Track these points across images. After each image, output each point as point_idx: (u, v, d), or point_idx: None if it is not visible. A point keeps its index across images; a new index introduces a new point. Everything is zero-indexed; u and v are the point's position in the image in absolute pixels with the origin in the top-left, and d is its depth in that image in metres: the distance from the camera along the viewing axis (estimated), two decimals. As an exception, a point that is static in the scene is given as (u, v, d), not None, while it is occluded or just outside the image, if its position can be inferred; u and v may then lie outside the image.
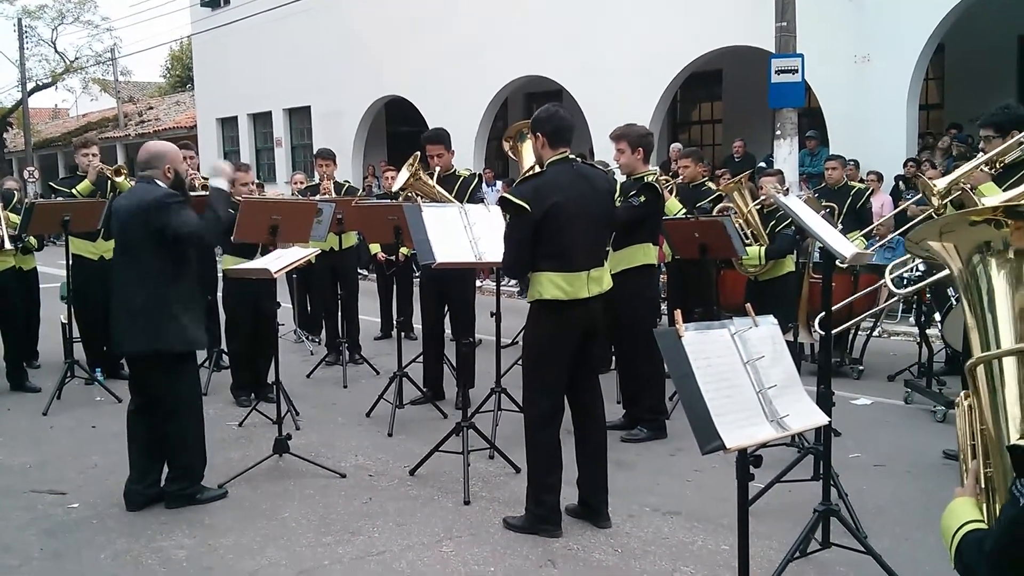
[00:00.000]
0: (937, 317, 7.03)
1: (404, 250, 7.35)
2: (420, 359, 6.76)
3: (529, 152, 5.61)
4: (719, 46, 13.38)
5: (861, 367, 7.37)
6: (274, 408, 5.34)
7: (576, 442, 4.31)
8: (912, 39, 11.36)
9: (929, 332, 6.84)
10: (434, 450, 5.02)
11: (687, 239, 6.31)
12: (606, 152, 7.75)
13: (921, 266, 6.40)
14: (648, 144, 5.63)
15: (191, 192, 7.06)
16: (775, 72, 11.06)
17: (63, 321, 7.24)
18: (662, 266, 7.10)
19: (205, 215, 4.52)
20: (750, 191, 6.97)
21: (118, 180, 7.20)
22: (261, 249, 6.03)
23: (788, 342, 3.17)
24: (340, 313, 8.15)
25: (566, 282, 4.06)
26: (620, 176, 5.97)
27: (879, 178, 11.26)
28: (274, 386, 5.41)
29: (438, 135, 6.48)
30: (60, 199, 7.25)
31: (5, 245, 6.82)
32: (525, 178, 4.26)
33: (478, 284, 7.86)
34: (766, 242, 6.73)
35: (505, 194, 4.16)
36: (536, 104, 14.42)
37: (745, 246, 6.50)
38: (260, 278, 5.31)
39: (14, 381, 7.21)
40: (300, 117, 21.42)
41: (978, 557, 1.61)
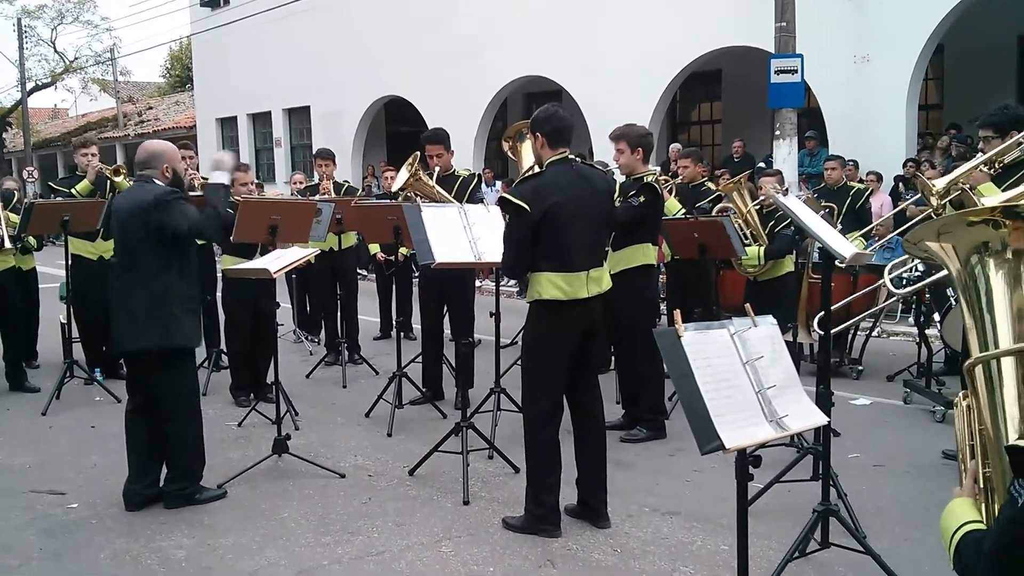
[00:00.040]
0: (936, 317, 7.03)
1: (403, 250, 7.36)
2: (419, 359, 6.76)
3: (528, 152, 5.60)
4: (719, 46, 13.38)
5: (860, 367, 7.38)
6: (273, 408, 5.34)
7: (575, 442, 4.31)
8: (912, 39, 11.37)
9: (928, 332, 6.85)
10: (433, 450, 5.02)
11: (686, 239, 6.31)
12: (606, 152, 7.74)
13: (920, 266, 6.40)
14: (648, 144, 5.63)
15: (190, 192, 7.09)
16: (774, 72, 11.06)
17: (62, 321, 7.23)
18: (661, 266, 7.10)
19: (205, 210, 4.52)
20: (749, 191, 6.97)
21: (117, 180, 7.20)
22: (260, 249, 6.03)
23: (787, 342, 3.17)
24: (339, 313, 8.15)
25: (565, 282, 4.06)
26: (619, 176, 5.97)
27: (878, 178, 11.27)
28: (273, 386, 5.41)
29: (438, 135, 6.48)
30: (59, 199, 7.25)
31: (5, 244, 6.83)
32: (524, 178, 4.26)
33: (477, 284, 7.86)
34: (765, 242, 6.74)
35: (504, 194, 4.17)
36: (536, 104, 14.42)
37: (744, 246, 6.51)
38: (259, 278, 5.30)
39: (13, 381, 7.21)
40: (300, 117, 21.42)
41: (977, 557, 1.61)
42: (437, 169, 6.32)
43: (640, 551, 4.00)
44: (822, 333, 4.03)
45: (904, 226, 7.85)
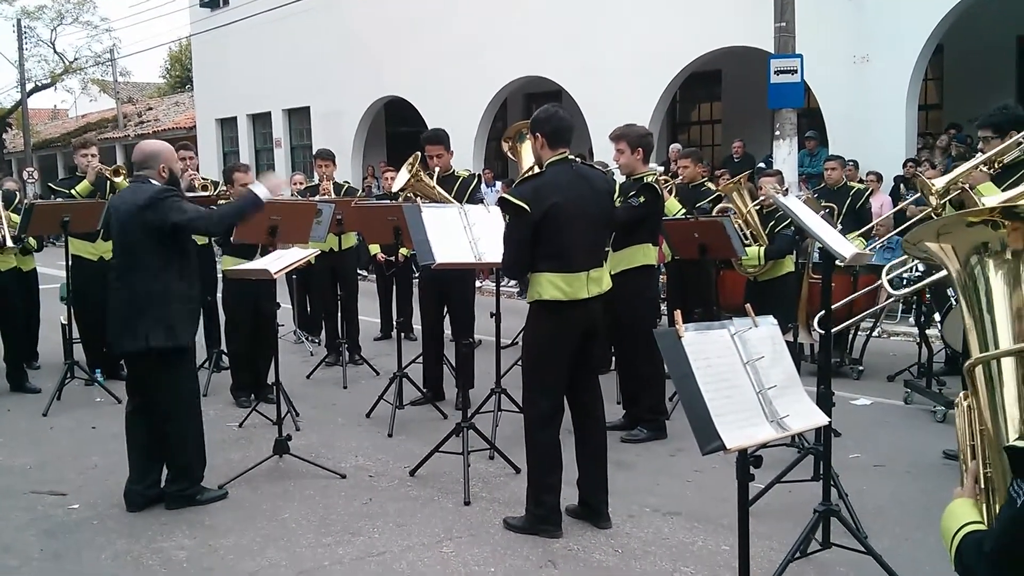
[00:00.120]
0: (937, 317, 7.04)
1: (404, 251, 7.36)
2: (420, 360, 6.77)
3: (528, 153, 5.60)
4: (718, 46, 13.38)
5: (861, 367, 7.38)
6: (274, 409, 5.34)
7: (576, 442, 4.31)
8: (911, 39, 11.36)
9: (929, 332, 6.85)
10: (434, 451, 5.03)
11: (686, 239, 6.31)
12: (606, 152, 7.75)
13: (920, 266, 6.41)
14: (648, 144, 5.63)
15: (190, 193, 7.11)
16: (774, 72, 11.06)
17: (63, 322, 7.24)
18: (662, 267, 7.10)
19: (221, 207, 4.54)
20: (749, 191, 6.98)
21: (117, 180, 7.20)
22: (261, 250, 6.03)
23: (788, 342, 3.17)
24: (340, 314, 8.14)
25: (565, 283, 4.06)
26: (619, 176, 5.97)
27: (878, 178, 11.27)
28: (274, 387, 5.41)
29: (438, 136, 6.48)
30: (59, 200, 7.25)
31: (7, 243, 6.84)
32: (524, 179, 4.26)
33: (478, 285, 7.86)
34: (765, 242, 6.74)
35: (504, 195, 4.17)
36: (535, 104, 14.43)
37: (744, 246, 6.51)
38: (260, 279, 5.31)
39: (14, 382, 7.21)
40: (299, 118, 21.41)
41: (978, 558, 1.61)
42: (437, 170, 6.33)
43: (641, 551, 4.00)
44: (822, 332, 4.03)
45: (903, 225, 7.86)
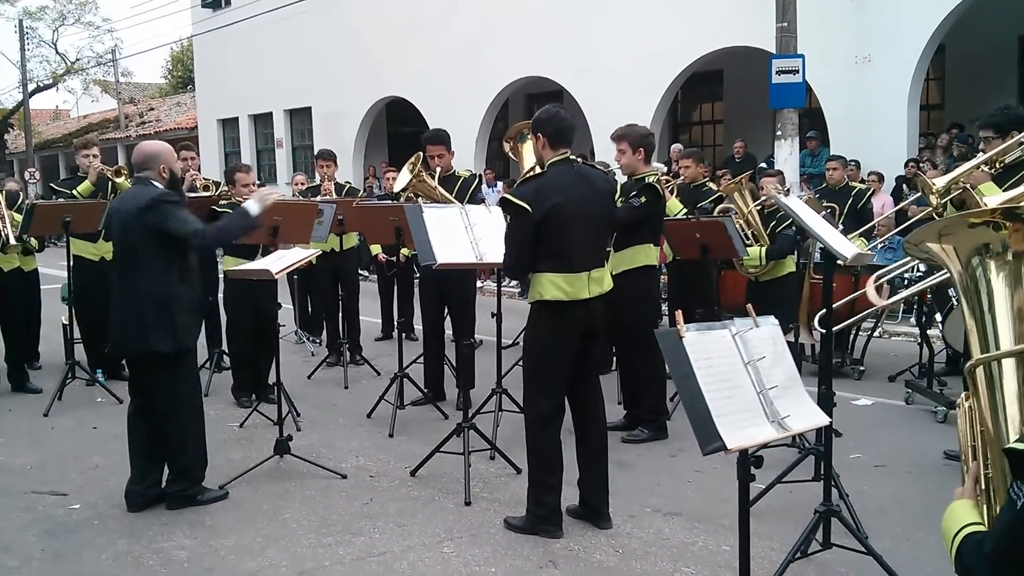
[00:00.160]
0: (938, 318, 7.04)
1: (405, 251, 7.36)
2: (421, 360, 6.77)
3: (530, 153, 5.60)
4: (720, 47, 13.38)
5: (862, 368, 7.37)
6: (275, 409, 5.34)
7: (577, 443, 4.31)
8: (913, 39, 11.36)
9: (930, 333, 6.85)
10: (435, 451, 5.03)
11: (688, 240, 6.31)
12: (607, 153, 7.75)
13: (922, 267, 6.40)
14: (649, 145, 5.63)
15: (191, 193, 7.11)
16: (776, 73, 11.06)
17: (64, 322, 7.24)
18: (663, 267, 7.10)
19: (218, 223, 4.57)
20: (751, 192, 6.97)
21: (119, 181, 7.21)
22: (262, 250, 6.03)
23: (789, 343, 3.17)
24: (341, 314, 8.15)
25: (567, 283, 4.06)
26: (621, 177, 5.97)
27: (880, 179, 11.27)
28: (275, 387, 5.41)
29: (439, 136, 6.48)
30: (61, 200, 7.25)
31: (11, 241, 6.84)
32: (526, 179, 4.27)
33: (479, 285, 7.86)
34: (767, 243, 6.73)
35: (506, 195, 4.17)
36: (537, 105, 14.43)
37: (746, 247, 6.51)
38: (261, 279, 5.31)
39: (15, 382, 7.21)
40: (301, 118, 21.42)
41: (978, 559, 1.61)
42: (438, 170, 6.33)
43: (642, 552, 4.00)
44: (823, 331, 4.03)
45: (904, 225, 7.86)
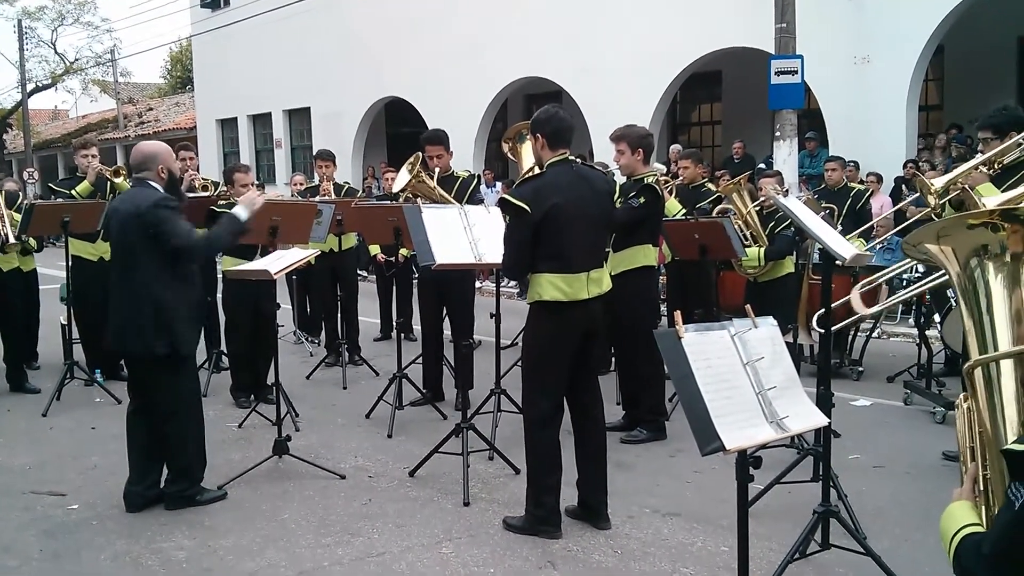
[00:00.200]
0: (937, 318, 7.04)
1: (404, 251, 7.36)
2: (420, 360, 6.77)
3: (528, 153, 5.61)
4: (719, 47, 13.39)
5: (860, 368, 7.37)
6: (274, 409, 5.34)
7: (576, 443, 4.31)
8: (912, 40, 11.37)
9: (928, 333, 6.85)
10: (434, 451, 5.02)
11: (687, 240, 6.31)
12: (606, 153, 7.75)
13: (920, 268, 6.41)
14: (648, 145, 5.63)
15: (190, 192, 7.10)
16: (775, 73, 11.06)
17: (63, 322, 7.24)
18: (662, 267, 7.11)
19: (209, 232, 4.58)
20: (749, 192, 6.98)
21: (117, 181, 7.21)
22: (261, 250, 6.03)
23: (787, 343, 3.17)
24: (340, 314, 8.15)
25: (566, 283, 4.06)
26: (620, 177, 5.97)
27: (879, 179, 11.27)
28: (274, 387, 5.41)
29: (438, 136, 6.47)
30: (60, 200, 7.25)
31: (10, 239, 6.83)
32: (525, 179, 4.27)
33: (478, 285, 7.86)
34: (765, 243, 6.74)
35: (505, 195, 4.17)
36: (536, 105, 14.42)
37: (744, 247, 6.51)
38: (260, 279, 5.31)
39: (14, 382, 7.21)
40: (300, 118, 21.42)
41: (976, 560, 1.61)
42: (437, 170, 6.32)
43: (640, 552, 4.00)
44: (821, 332, 4.03)
45: (903, 225, 7.86)
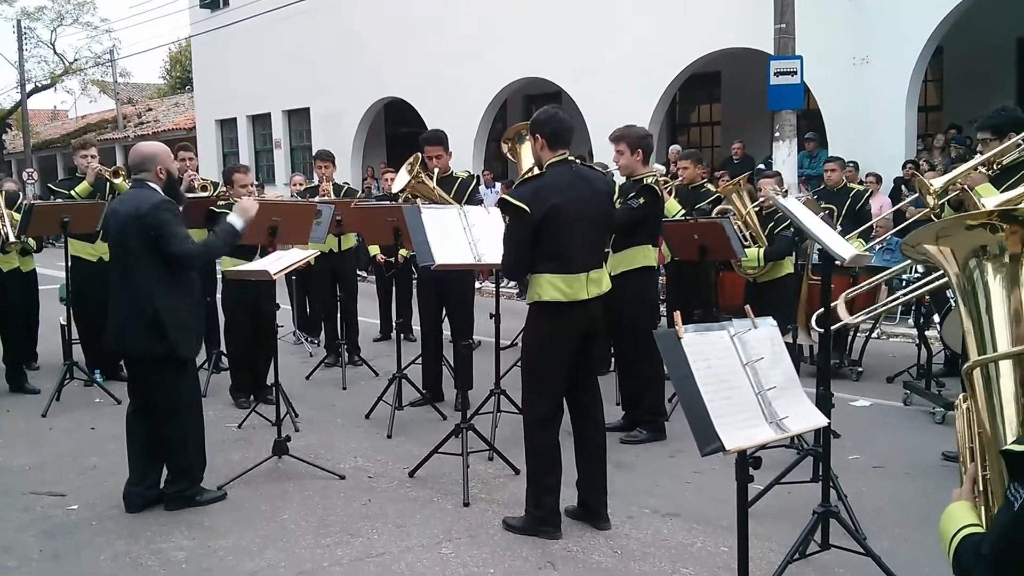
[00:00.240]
0: (936, 319, 7.04)
1: (403, 252, 7.36)
2: (419, 361, 6.77)
3: (528, 154, 5.60)
4: (718, 48, 13.39)
5: (860, 369, 7.37)
6: (273, 410, 5.35)
7: (575, 444, 4.31)
8: (911, 41, 11.37)
9: (928, 334, 6.85)
10: (433, 452, 5.02)
11: (686, 241, 6.31)
12: (606, 154, 7.75)
13: (920, 268, 6.41)
14: (648, 146, 5.63)
15: (190, 193, 7.11)
16: (774, 74, 11.07)
17: (62, 323, 7.23)
18: (661, 268, 7.11)
19: (206, 241, 4.60)
20: (749, 193, 6.98)
21: (116, 182, 7.21)
22: (260, 251, 6.03)
23: (787, 344, 3.17)
24: (339, 315, 8.15)
25: (565, 284, 4.06)
26: (619, 178, 5.97)
27: (878, 180, 11.27)
28: (273, 388, 5.41)
29: (437, 136, 6.47)
30: (59, 201, 7.25)
31: (11, 238, 6.83)
32: (524, 180, 4.27)
33: (477, 286, 7.86)
34: (765, 244, 6.74)
35: (504, 196, 4.17)
36: (535, 106, 14.44)
37: (744, 248, 6.51)
38: (259, 279, 5.31)
39: (13, 383, 7.21)
40: (299, 119, 21.41)
41: (976, 561, 1.62)
42: (436, 171, 6.32)
43: (640, 553, 4.00)
44: (821, 331, 4.03)
45: (902, 225, 7.86)
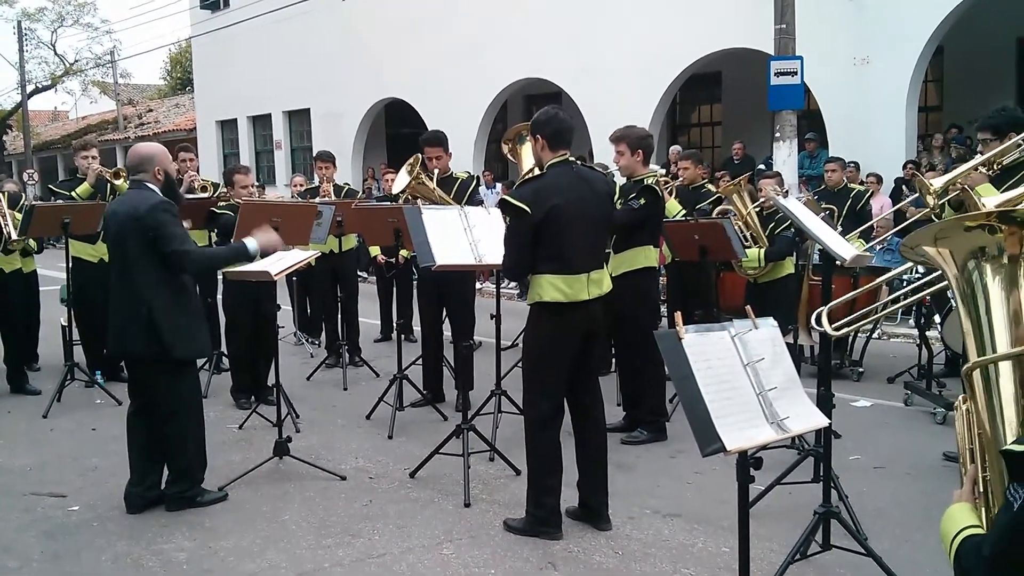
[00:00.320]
0: (937, 319, 7.03)
1: (404, 252, 7.36)
2: (420, 361, 6.77)
3: (528, 154, 5.61)
4: (719, 48, 13.40)
5: (861, 369, 7.37)
6: (274, 410, 5.34)
7: (576, 444, 4.31)
8: (911, 41, 11.38)
9: (929, 334, 6.85)
10: (434, 452, 5.03)
11: (687, 241, 6.31)
12: (606, 154, 7.75)
13: (921, 269, 6.40)
14: (648, 146, 5.63)
15: (190, 194, 7.11)
16: (774, 74, 11.07)
17: (63, 324, 7.24)
18: (662, 268, 7.11)
19: (213, 249, 4.60)
20: (749, 193, 6.98)
21: (117, 183, 7.21)
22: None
23: (788, 344, 3.17)
24: (340, 315, 8.15)
25: (566, 284, 4.06)
26: (620, 178, 5.97)
27: (878, 180, 11.27)
28: (274, 388, 5.41)
29: (437, 137, 6.46)
30: (60, 202, 7.25)
31: (13, 235, 6.84)
32: (525, 180, 4.28)
33: (478, 287, 7.86)
34: (765, 244, 6.74)
35: (505, 196, 4.17)
36: (535, 106, 14.44)
37: (745, 248, 6.51)
38: (260, 280, 5.31)
39: (14, 383, 7.21)
40: (300, 119, 21.42)
41: (976, 562, 1.61)
42: (436, 171, 6.32)
43: (641, 553, 4.00)
44: (822, 331, 4.02)
45: (902, 225, 7.86)
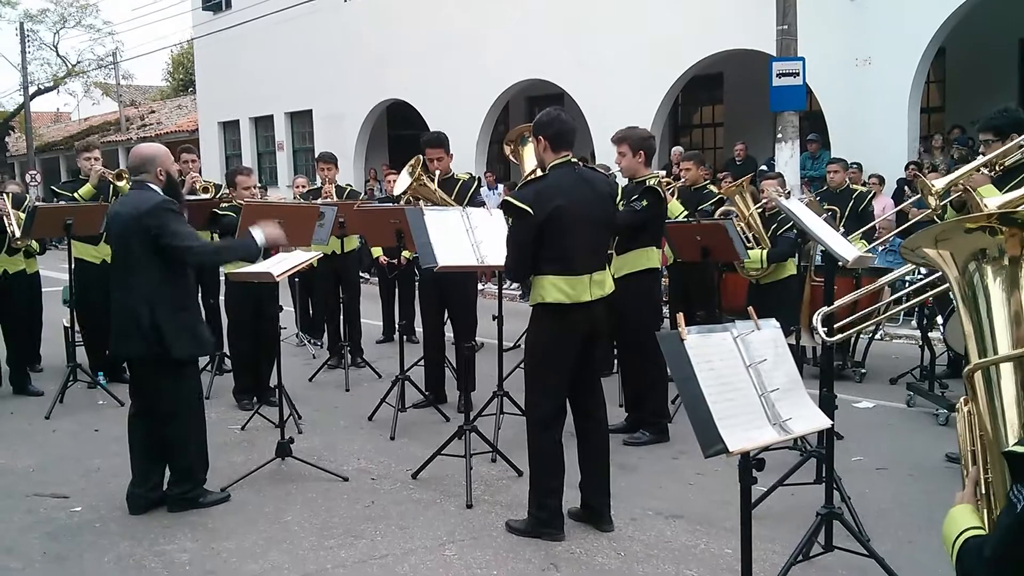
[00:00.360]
0: (939, 320, 7.02)
1: (406, 253, 7.36)
2: (422, 362, 6.77)
3: (530, 156, 5.61)
4: (720, 49, 13.39)
5: (863, 370, 7.37)
6: (276, 412, 5.35)
7: (578, 445, 4.31)
8: (913, 42, 11.36)
9: (931, 335, 6.84)
10: (436, 453, 5.03)
11: (689, 242, 6.31)
12: (608, 155, 7.75)
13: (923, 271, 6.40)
14: (650, 147, 5.63)
15: (192, 195, 7.12)
16: (776, 75, 11.07)
17: (65, 325, 7.25)
18: (664, 269, 7.11)
19: (222, 243, 4.60)
20: (751, 194, 6.97)
21: (120, 184, 7.22)
22: (263, 252, 6.03)
23: (790, 345, 3.17)
24: (342, 316, 8.15)
25: (568, 285, 4.06)
26: (622, 179, 5.97)
27: (881, 181, 11.26)
28: (276, 390, 5.41)
29: (438, 139, 6.46)
30: (62, 203, 7.26)
31: (16, 234, 6.85)
32: (527, 181, 4.28)
33: (480, 287, 7.86)
34: (768, 245, 6.74)
35: (507, 197, 4.18)
36: (537, 108, 14.43)
37: (747, 249, 6.51)
38: (262, 281, 5.32)
39: (17, 385, 7.22)
40: (302, 120, 21.43)
41: (978, 563, 1.61)
42: (437, 173, 6.33)
43: (643, 555, 4.00)
44: (823, 331, 4.02)
45: (904, 226, 7.85)
